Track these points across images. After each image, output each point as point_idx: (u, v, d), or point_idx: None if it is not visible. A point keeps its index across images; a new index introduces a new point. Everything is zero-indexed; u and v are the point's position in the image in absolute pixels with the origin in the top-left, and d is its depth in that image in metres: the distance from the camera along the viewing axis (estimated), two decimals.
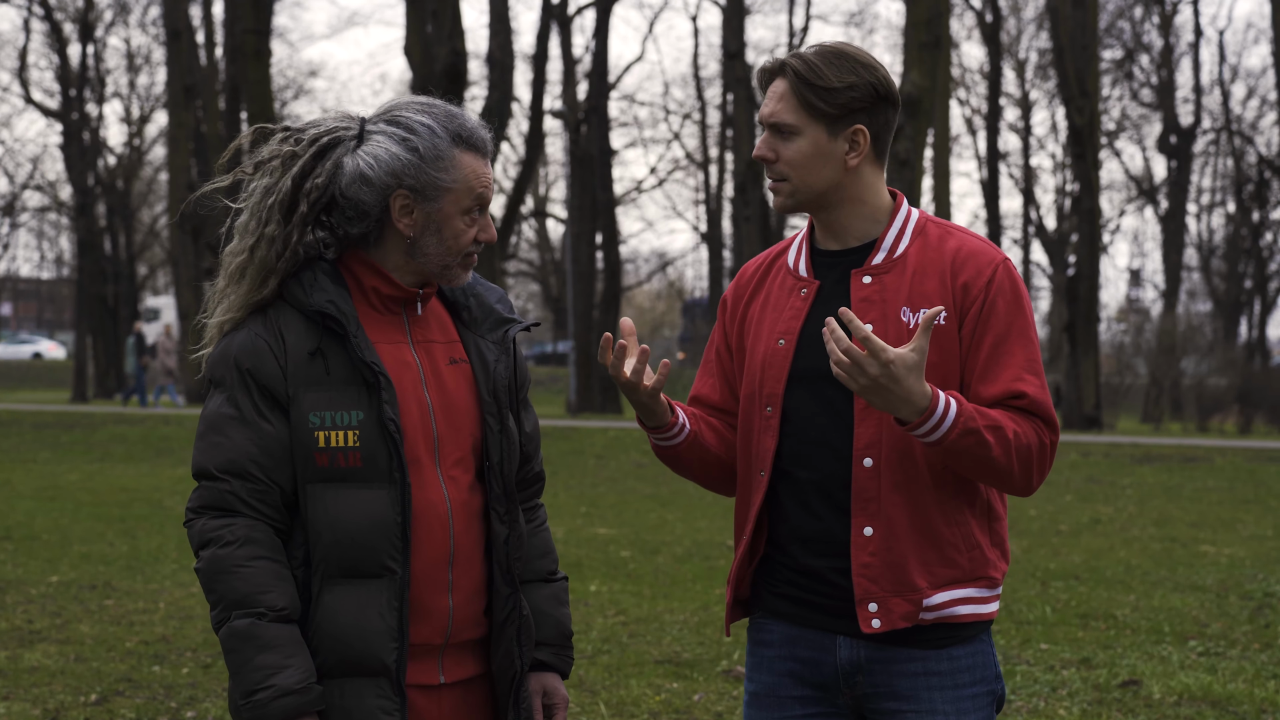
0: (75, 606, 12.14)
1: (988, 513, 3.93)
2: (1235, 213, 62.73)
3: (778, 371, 3.94)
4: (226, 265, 3.92)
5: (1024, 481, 3.82)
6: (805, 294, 3.98)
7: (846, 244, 3.98)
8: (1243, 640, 10.86)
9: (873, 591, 3.82)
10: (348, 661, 3.70)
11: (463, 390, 3.88)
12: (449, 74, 28.14)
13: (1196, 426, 43.86)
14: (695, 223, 71.22)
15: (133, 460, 27.34)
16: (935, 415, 3.67)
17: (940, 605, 3.84)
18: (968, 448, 3.71)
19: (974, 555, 3.88)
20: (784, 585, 3.99)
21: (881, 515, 3.83)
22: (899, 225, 3.96)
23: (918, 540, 3.83)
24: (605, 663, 10.07)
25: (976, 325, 3.84)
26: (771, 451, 3.94)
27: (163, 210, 70.58)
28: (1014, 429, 3.76)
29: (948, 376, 3.83)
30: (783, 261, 4.09)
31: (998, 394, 3.80)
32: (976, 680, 3.92)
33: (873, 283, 3.90)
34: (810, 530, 3.91)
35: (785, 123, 3.89)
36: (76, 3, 58.15)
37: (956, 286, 3.86)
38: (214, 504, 3.73)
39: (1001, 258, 3.90)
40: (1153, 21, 61.04)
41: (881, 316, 3.85)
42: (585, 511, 19.36)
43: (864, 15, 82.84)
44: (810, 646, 3.95)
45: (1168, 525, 18.11)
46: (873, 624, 3.83)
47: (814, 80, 3.85)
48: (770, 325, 4.00)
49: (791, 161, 3.90)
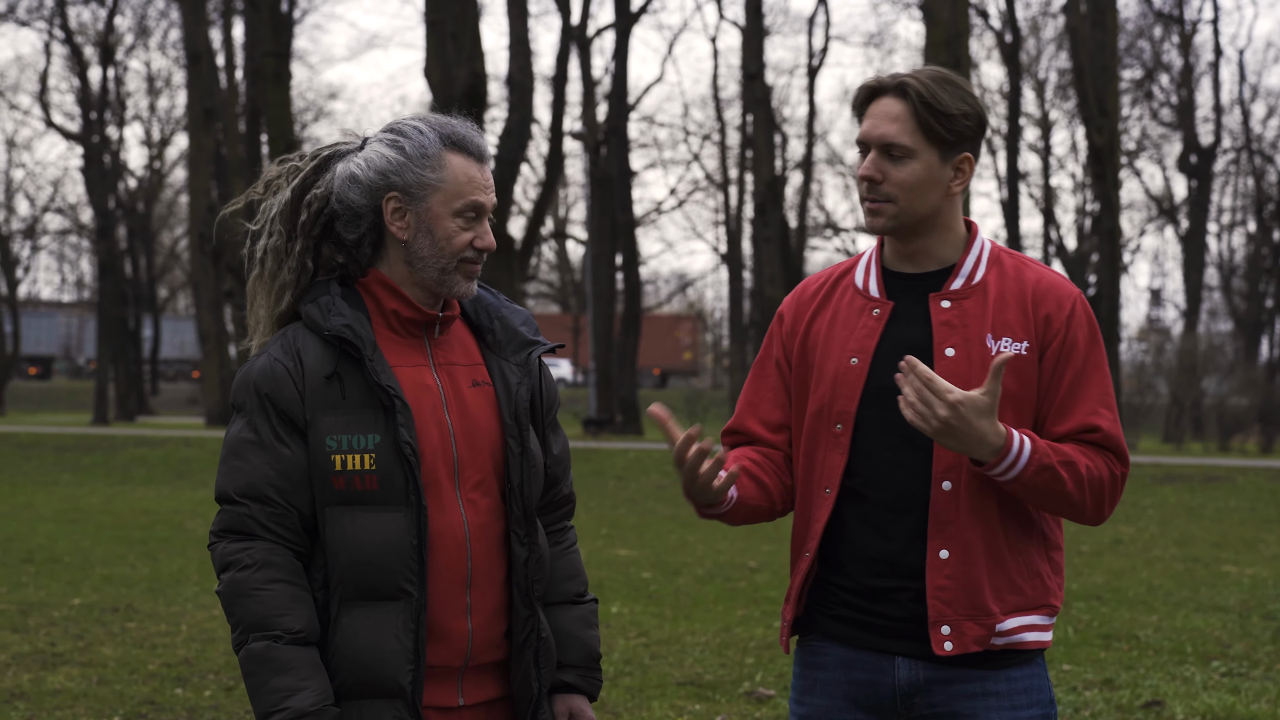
0: (97, 629, 12.15)
1: (1045, 541, 3.93)
2: (1256, 232, 62.63)
3: (850, 389, 3.91)
4: (249, 290, 3.96)
5: (1096, 513, 3.85)
6: (879, 314, 3.94)
7: (924, 268, 3.96)
8: (1266, 661, 10.83)
9: (946, 614, 3.81)
10: (365, 683, 3.70)
11: (485, 413, 3.88)
12: (469, 96, 28.17)
13: (1218, 446, 43.78)
14: (715, 244, 71.32)
15: (154, 482, 27.40)
16: (1010, 455, 3.70)
17: (1011, 631, 3.85)
18: (1044, 484, 3.73)
19: (1035, 583, 3.89)
20: (840, 607, 3.96)
21: (958, 539, 3.82)
22: (976, 253, 3.95)
23: (990, 565, 3.83)
24: (627, 684, 10.05)
25: (1058, 359, 3.85)
26: (840, 469, 3.91)
27: (183, 233, 70.79)
28: (1086, 463, 3.78)
29: (1025, 405, 3.84)
30: (849, 280, 4.05)
31: (1073, 427, 3.83)
32: (1033, 702, 3.91)
33: (951, 307, 3.88)
34: (876, 550, 3.89)
35: (901, 144, 3.84)
36: (97, 26, 58.45)
37: (1039, 318, 3.86)
38: (234, 528, 3.74)
39: (1078, 292, 3.92)
40: (1172, 41, 60.94)
41: (964, 341, 3.85)
42: (606, 533, 19.36)
43: (883, 36, 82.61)
44: (866, 669, 3.93)
45: (1190, 545, 18.07)
46: (945, 646, 3.82)
47: (936, 105, 3.82)
48: (841, 343, 3.96)
49: (902, 184, 3.86)
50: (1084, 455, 3.79)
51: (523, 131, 33.86)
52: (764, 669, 10.52)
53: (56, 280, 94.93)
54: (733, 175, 61.75)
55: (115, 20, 58.09)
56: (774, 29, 61.35)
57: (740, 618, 12.70)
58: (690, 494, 3.86)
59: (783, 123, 58.78)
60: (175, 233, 76.06)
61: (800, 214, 57.19)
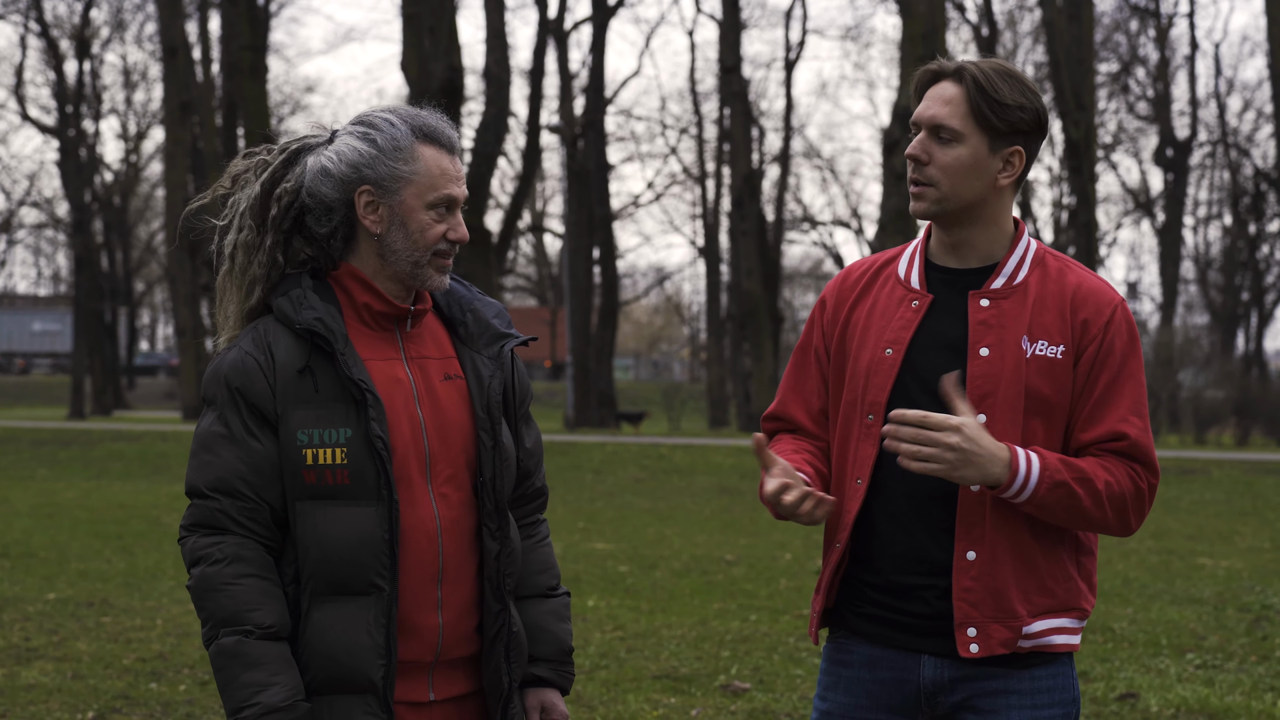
0: (72, 624, 12.12)
1: (1079, 545, 3.92)
2: (1232, 225, 62.75)
3: (883, 380, 3.89)
4: (218, 286, 3.95)
5: (1121, 527, 3.83)
6: (917, 306, 3.93)
7: (967, 263, 3.95)
8: (1240, 653, 10.85)
9: (973, 616, 3.81)
10: (336, 679, 3.70)
11: (456, 406, 3.87)
12: (446, 89, 28.15)
13: (1194, 439, 43.88)
14: (692, 237, 71.28)
15: (130, 477, 27.33)
16: (1020, 472, 3.69)
17: (1038, 634, 3.84)
18: (1058, 500, 3.72)
19: (1068, 586, 3.87)
20: (868, 605, 3.96)
21: (985, 541, 3.81)
22: (1020, 253, 3.94)
23: (1018, 568, 3.81)
24: (603, 678, 10.05)
25: (1093, 365, 3.83)
26: (871, 460, 3.90)
27: (159, 226, 70.72)
28: (1105, 478, 3.76)
29: (1057, 409, 3.82)
30: (892, 270, 4.04)
31: (1101, 435, 3.81)
32: (1055, 701, 3.90)
33: (990, 306, 3.87)
34: (902, 546, 3.88)
35: (950, 127, 3.84)
36: (73, 19, 58.26)
37: (1076, 322, 3.84)
38: (204, 522, 3.73)
39: (1120, 299, 3.90)
40: (1149, 35, 61.06)
41: (999, 341, 3.83)
42: (583, 526, 19.35)
43: (860, 30, 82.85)
44: (892, 667, 3.93)
45: (1165, 538, 18.10)
46: (971, 649, 3.81)
47: (991, 92, 3.81)
48: (877, 333, 3.94)
49: (946, 168, 3.85)
50: (1104, 470, 3.77)
51: (500, 125, 33.83)
52: (740, 662, 10.52)
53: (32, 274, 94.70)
54: (710, 169, 61.71)
55: (91, 13, 58.01)
56: (751, 22, 61.54)
57: (716, 611, 12.70)
58: (781, 515, 3.85)
59: (760, 116, 58.80)
60: (152, 227, 75.90)
61: (777, 207, 57.22)
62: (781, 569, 15.27)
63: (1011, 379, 3.79)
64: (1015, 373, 3.79)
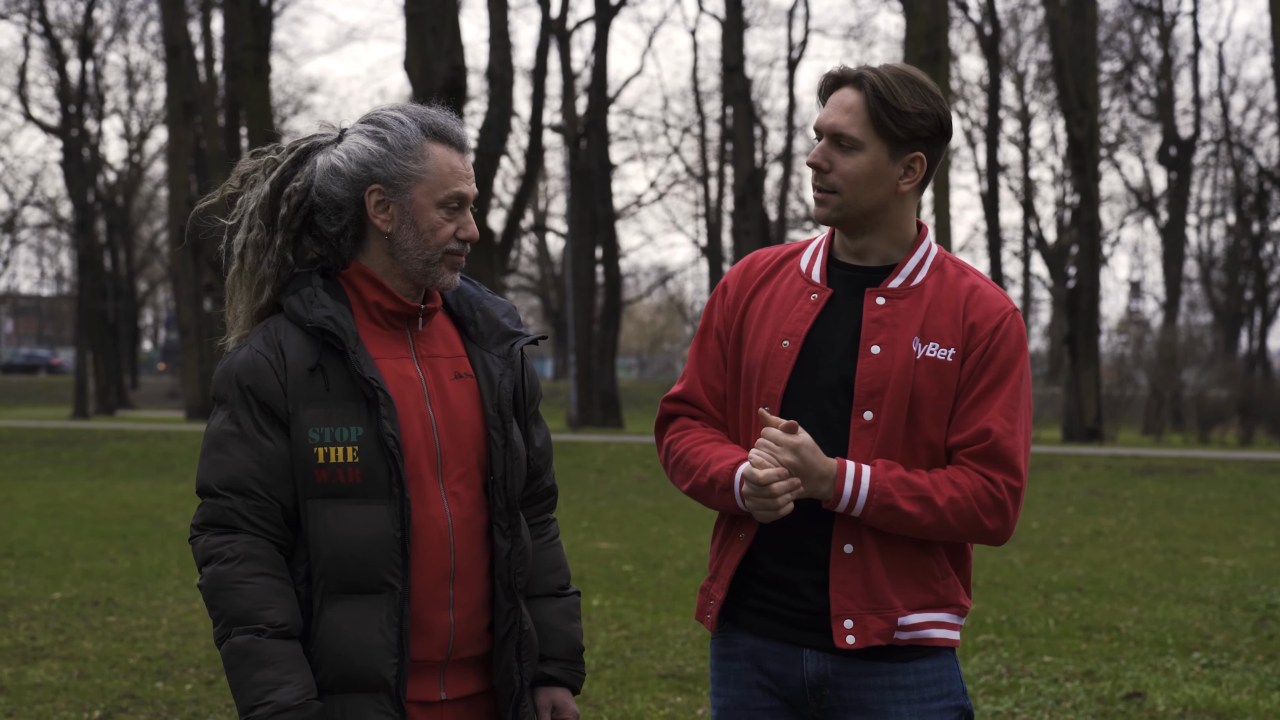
0: (78, 623, 12.12)
1: (959, 548, 3.95)
2: (1235, 224, 62.69)
3: (779, 373, 3.91)
4: (227, 286, 3.94)
5: (979, 535, 3.84)
6: (816, 299, 3.95)
7: (866, 261, 3.97)
8: (1246, 652, 10.84)
9: (849, 608, 3.83)
10: (348, 677, 3.69)
11: (467, 405, 3.87)
12: (449, 89, 28.15)
13: (1198, 438, 43.81)
14: (695, 236, 71.22)
15: (134, 476, 27.32)
16: (845, 494, 3.74)
17: (914, 626, 3.86)
18: (890, 521, 3.77)
19: (948, 583, 3.91)
20: (751, 598, 3.98)
21: (863, 534, 3.83)
22: (920, 255, 3.95)
23: (894, 563, 3.84)
24: (609, 677, 10.05)
25: (975, 368, 3.85)
26: None
27: (163, 226, 70.68)
28: (950, 494, 3.78)
29: (944, 410, 3.85)
30: (795, 262, 4.06)
31: (966, 436, 3.82)
32: (943, 694, 3.92)
33: (886, 304, 3.89)
34: (783, 540, 3.91)
35: (850, 135, 3.85)
36: (76, 19, 58.22)
37: (965, 325, 3.86)
38: (216, 521, 3.73)
39: (1012, 308, 3.92)
40: (1152, 33, 61.02)
41: (890, 340, 3.85)
42: (587, 526, 19.34)
43: (863, 29, 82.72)
44: (776, 660, 3.95)
45: (1170, 537, 18.09)
46: (847, 640, 3.83)
47: (890, 100, 3.82)
48: (774, 324, 3.96)
49: (846, 175, 3.87)
50: (951, 485, 3.79)
51: (502, 124, 33.86)
52: None
53: (35, 274, 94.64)
54: (713, 168, 61.69)
55: (94, 13, 57.92)
56: (754, 21, 61.42)
57: None
58: (747, 505, 3.86)
59: (762, 115, 58.79)
60: (155, 226, 75.83)
61: (780, 207, 57.23)
62: None
63: (900, 378, 3.81)
64: (904, 372, 3.82)
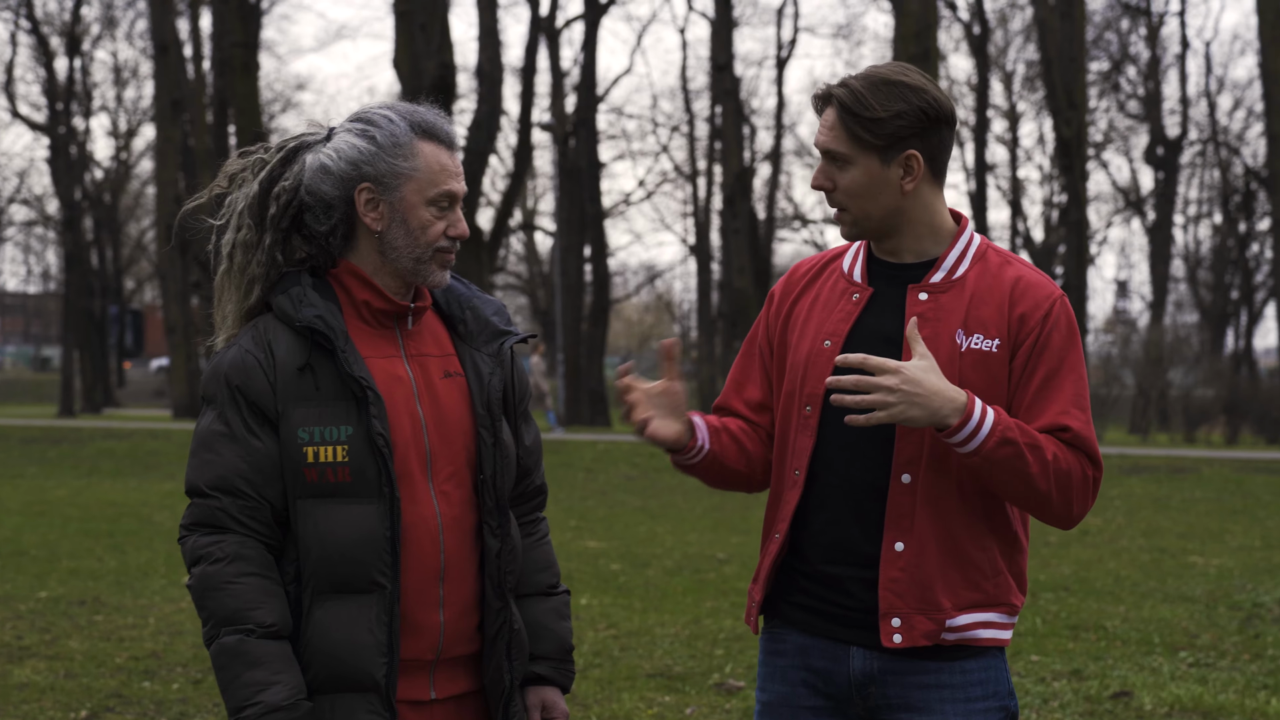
0: (64, 622, 12.10)
1: (1012, 543, 3.93)
2: (1222, 224, 62.73)
3: (820, 371, 3.91)
4: (216, 285, 3.93)
5: (1064, 509, 3.81)
6: (857, 299, 3.96)
7: (903, 259, 3.97)
8: (1233, 651, 10.86)
9: (897, 606, 3.82)
10: (338, 677, 3.69)
11: (457, 404, 3.87)
12: (438, 87, 28.14)
13: (1184, 437, 43.91)
14: (684, 235, 71.08)
15: (120, 475, 27.29)
16: (974, 418, 3.67)
17: (962, 627, 3.85)
18: (1005, 459, 3.70)
19: (998, 581, 3.88)
20: (799, 594, 3.98)
21: (914, 532, 3.82)
22: (960, 247, 3.95)
23: (945, 561, 3.83)
24: (597, 676, 10.05)
25: (1030, 358, 3.84)
26: (808, 452, 3.93)
27: (150, 224, 70.49)
28: (1055, 451, 3.75)
29: (992, 401, 3.82)
30: (837, 265, 4.07)
31: (1042, 427, 3.80)
32: (989, 694, 3.91)
33: (928, 300, 3.89)
34: (832, 537, 3.91)
35: (838, 152, 3.87)
36: (63, 16, 58.11)
37: (1013, 316, 3.85)
38: (205, 521, 3.72)
39: (1059, 293, 3.90)
40: (1140, 33, 61.04)
41: (934, 335, 3.84)
42: (575, 525, 19.35)
43: (852, 28, 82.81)
44: (823, 656, 3.94)
45: (1156, 536, 18.12)
46: (894, 639, 3.82)
47: (860, 111, 3.82)
48: (818, 325, 3.98)
49: (848, 190, 3.88)
50: (1054, 445, 3.76)
51: (491, 123, 33.83)
52: (733, 660, 10.52)
53: (22, 272, 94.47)
54: (701, 167, 61.63)
55: (82, 10, 57.87)
56: (743, 20, 61.34)
57: (709, 609, 12.70)
58: (630, 418, 3.94)
59: (751, 114, 58.71)
60: (142, 224, 75.71)
61: (769, 205, 57.19)
62: None
63: (945, 372, 3.79)
64: (948, 366, 3.80)
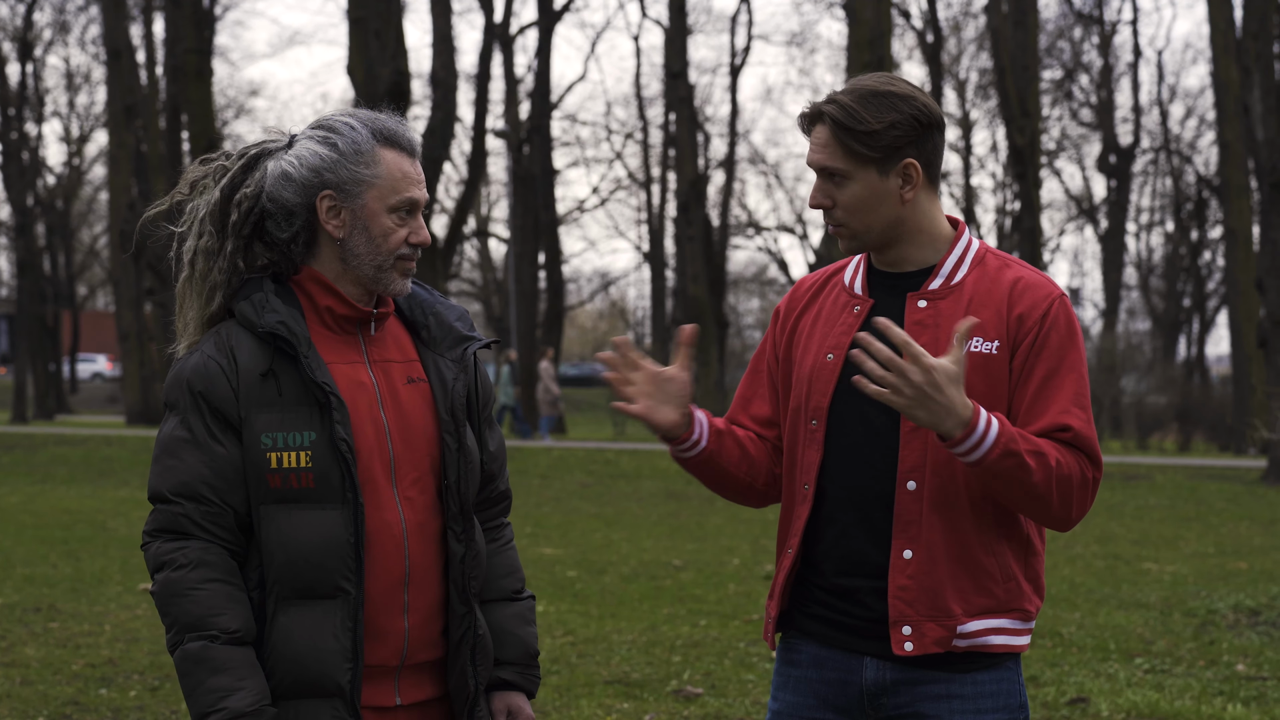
0: (19, 629, 12.04)
1: (1025, 546, 3.92)
2: (1174, 232, 63.18)
3: (824, 385, 3.92)
4: (178, 293, 3.92)
5: (1063, 513, 3.79)
6: (858, 311, 3.96)
7: (904, 269, 3.97)
8: (1188, 657, 10.92)
9: (907, 614, 3.81)
10: (302, 683, 3.68)
11: (420, 410, 3.87)
12: (392, 93, 28.08)
13: (1136, 444, 44.16)
14: (638, 242, 71.17)
15: (74, 482, 27.17)
16: (977, 431, 3.65)
17: (974, 634, 3.83)
18: (1008, 469, 3.69)
19: (1010, 587, 3.87)
20: (815, 605, 3.98)
21: (922, 539, 3.81)
22: (958, 253, 3.95)
23: (955, 567, 3.82)
24: (554, 683, 10.04)
25: (1029, 357, 3.83)
26: (816, 465, 3.93)
27: (103, 230, 70.27)
28: (1057, 457, 3.73)
29: (995, 406, 3.81)
30: (839, 279, 4.08)
31: (1044, 427, 3.79)
32: (1000, 706, 3.90)
33: (927, 307, 3.89)
34: (844, 549, 3.91)
35: (834, 168, 3.85)
36: (15, 21, 57.83)
37: (1012, 318, 3.84)
38: (168, 527, 3.71)
39: (1059, 292, 3.89)
40: (1092, 42, 61.41)
41: (933, 341, 3.83)
42: (531, 531, 19.33)
43: (805, 35, 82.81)
44: (837, 668, 3.94)
45: (1110, 543, 18.20)
46: (905, 646, 3.82)
47: (854, 125, 3.80)
48: (820, 339, 3.99)
49: (848, 207, 3.87)
50: (1056, 450, 3.74)
51: (446, 130, 33.77)
52: (691, 667, 10.53)
53: None
54: (655, 174, 61.75)
55: (34, 16, 57.60)
56: (697, 28, 61.62)
57: (666, 616, 12.71)
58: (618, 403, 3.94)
59: (705, 121, 58.84)
60: (95, 230, 75.46)
61: (723, 213, 57.30)
62: (730, 574, 15.28)
63: None
64: None
